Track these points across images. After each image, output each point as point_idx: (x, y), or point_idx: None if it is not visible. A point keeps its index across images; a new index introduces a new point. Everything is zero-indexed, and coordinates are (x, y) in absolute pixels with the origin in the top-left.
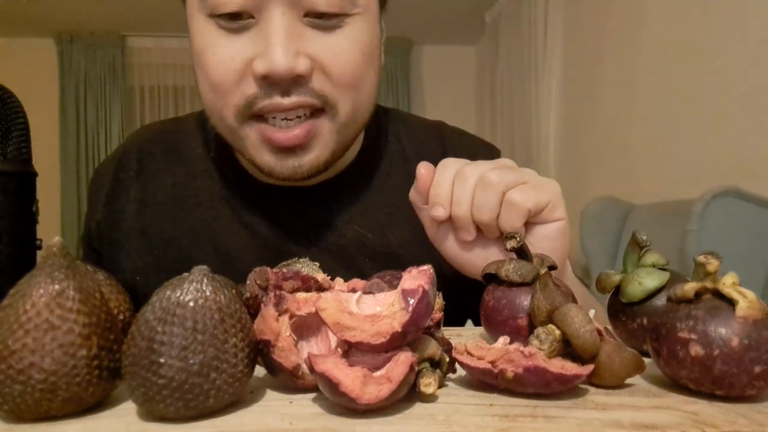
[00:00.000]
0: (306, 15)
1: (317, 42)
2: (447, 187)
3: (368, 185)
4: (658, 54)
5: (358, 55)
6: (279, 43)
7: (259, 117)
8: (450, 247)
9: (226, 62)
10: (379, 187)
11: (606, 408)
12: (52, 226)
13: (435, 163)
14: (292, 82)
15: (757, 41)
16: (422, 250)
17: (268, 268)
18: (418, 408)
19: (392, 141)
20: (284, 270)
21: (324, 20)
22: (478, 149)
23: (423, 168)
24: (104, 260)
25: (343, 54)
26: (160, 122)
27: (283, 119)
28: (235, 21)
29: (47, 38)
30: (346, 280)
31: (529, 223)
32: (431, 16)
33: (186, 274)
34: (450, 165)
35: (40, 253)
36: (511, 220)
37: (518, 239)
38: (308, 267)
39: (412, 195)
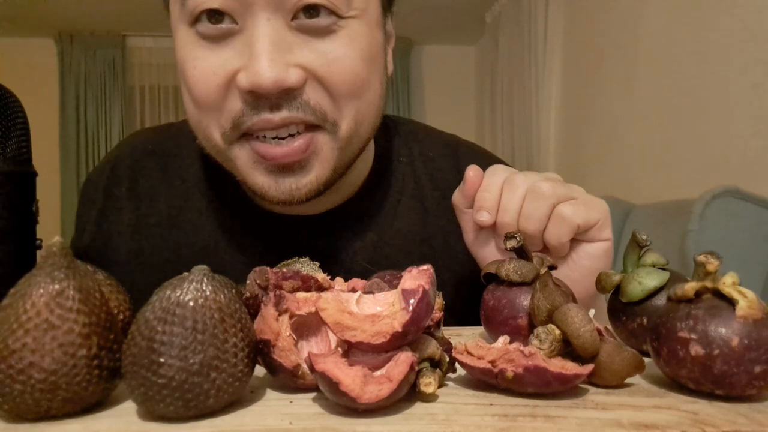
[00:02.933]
0: (294, 18)
1: (309, 49)
2: (495, 193)
3: (377, 215)
4: (658, 54)
5: (357, 62)
6: (264, 53)
7: (248, 135)
8: (488, 254)
9: (207, 76)
10: (390, 217)
11: (606, 408)
12: (52, 226)
13: (450, 188)
14: (282, 96)
15: (757, 41)
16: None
17: (268, 268)
18: (418, 408)
19: (404, 163)
20: (284, 270)
21: (315, 21)
22: None
23: (472, 171)
24: None
25: (340, 61)
26: (152, 130)
27: (273, 138)
28: (217, 24)
29: (47, 38)
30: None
31: (575, 241)
32: (431, 16)
33: (186, 273)
34: (500, 171)
35: (40, 253)
36: (559, 234)
37: (518, 239)
38: (308, 267)
39: (456, 197)
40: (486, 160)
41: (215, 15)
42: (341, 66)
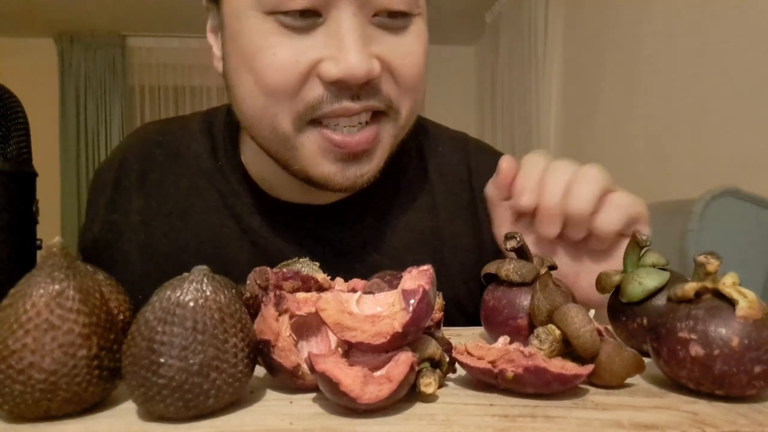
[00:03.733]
0: (375, 15)
1: (385, 44)
2: (536, 178)
3: (387, 207)
4: (658, 54)
5: (422, 57)
6: (354, 46)
7: (317, 123)
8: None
9: (289, 64)
10: (398, 210)
11: (606, 408)
12: (52, 226)
13: (459, 182)
14: (364, 86)
15: (757, 41)
16: (440, 280)
17: (268, 268)
18: (418, 408)
19: (414, 157)
20: (284, 270)
21: (393, 20)
22: None
23: (505, 162)
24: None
25: (411, 56)
26: (162, 123)
27: (345, 126)
28: (303, 19)
29: (47, 38)
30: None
31: (618, 234)
32: (431, 16)
33: (186, 274)
34: (538, 157)
35: (40, 253)
36: (612, 222)
37: (518, 239)
38: (308, 267)
39: (490, 190)
40: (495, 157)
41: (305, 11)
42: (412, 59)
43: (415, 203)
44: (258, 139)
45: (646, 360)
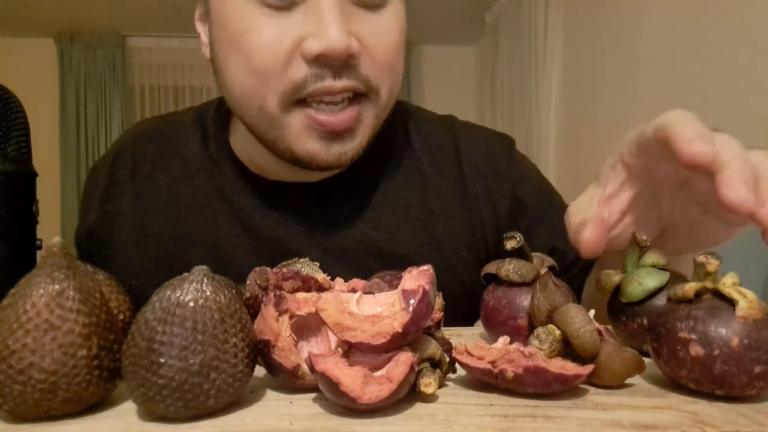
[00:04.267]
0: None
1: (363, 22)
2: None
3: (375, 183)
4: (657, 54)
5: (398, 37)
6: (334, 21)
7: (303, 103)
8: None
9: (273, 44)
10: (387, 185)
11: (606, 408)
12: (52, 226)
13: (447, 158)
14: (344, 64)
15: (757, 41)
16: (432, 250)
17: (268, 268)
18: (418, 408)
19: (400, 136)
20: (284, 270)
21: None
22: (493, 141)
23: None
24: (97, 262)
25: (386, 35)
26: (156, 118)
27: (329, 103)
28: None
29: (47, 38)
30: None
31: None
32: (431, 16)
33: (186, 274)
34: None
35: (40, 253)
36: None
37: (518, 239)
38: (308, 267)
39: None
40: (481, 131)
41: None
42: (388, 38)
43: (404, 178)
44: (246, 120)
45: (646, 360)
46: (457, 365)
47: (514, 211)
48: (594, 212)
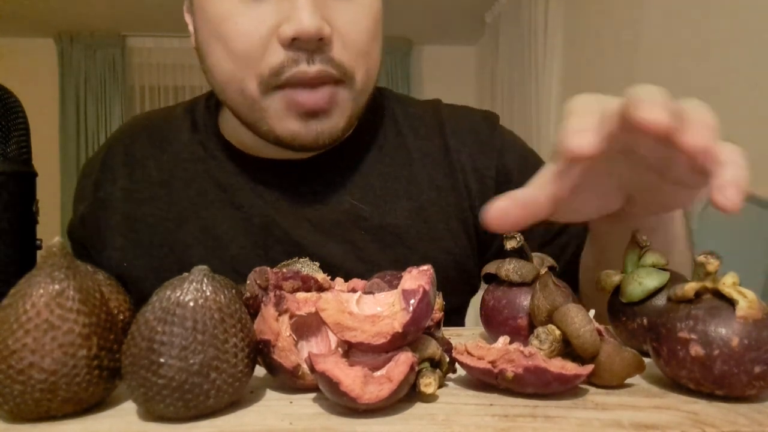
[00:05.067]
0: None
1: (335, 9)
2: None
3: (362, 159)
4: (657, 54)
5: (371, 23)
6: (306, 6)
7: (281, 87)
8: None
9: (250, 31)
10: (374, 160)
11: (606, 408)
12: (52, 226)
13: (432, 137)
14: (317, 49)
15: (757, 41)
16: (419, 221)
17: (268, 268)
18: (418, 408)
19: (387, 117)
20: (284, 270)
21: None
22: (477, 116)
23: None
24: (90, 249)
25: (359, 22)
26: (148, 112)
27: (305, 89)
28: None
29: (47, 38)
30: (341, 256)
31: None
32: (431, 16)
33: (186, 273)
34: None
35: (40, 253)
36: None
37: (518, 239)
38: (308, 267)
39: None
40: (466, 109)
41: None
42: (360, 26)
43: (390, 154)
44: (229, 104)
45: (646, 360)
46: (457, 365)
47: (500, 181)
48: (528, 191)
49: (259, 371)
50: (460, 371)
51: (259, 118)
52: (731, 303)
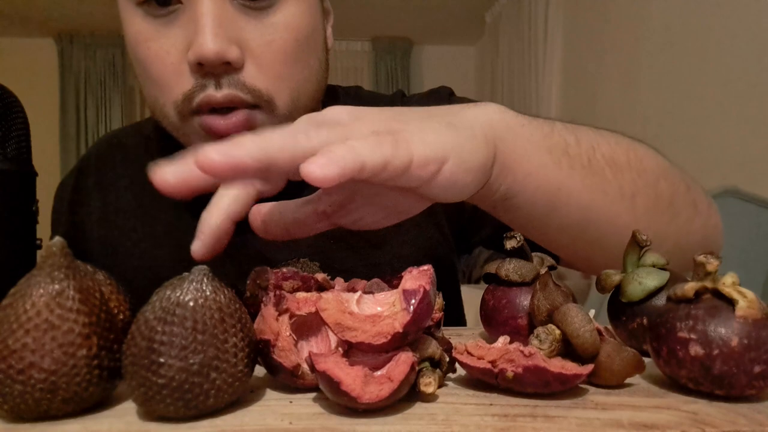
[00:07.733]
0: None
1: (249, 29)
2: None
3: None
4: (658, 54)
5: (291, 43)
6: (208, 28)
7: (198, 112)
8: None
9: (161, 57)
10: None
11: (606, 408)
12: None
13: None
14: (224, 72)
15: (757, 41)
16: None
17: (268, 268)
18: (418, 408)
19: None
20: (284, 270)
21: (255, 1)
22: (433, 91)
23: None
24: None
25: (275, 43)
26: (119, 129)
27: (217, 114)
28: (164, 7)
29: (47, 38)
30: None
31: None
32: (431, 16)
33: (186, 273)
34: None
35: (40, 253)
36: None
37: (518, 239)
38: (308, 267)
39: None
40: (425, 92)
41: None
42: (276, 46)
43: None
44: (164, 127)
45: (646, 360)
46: (457, 365)
47: None
48: (291, 204)
49: (259, 371)
50: (460, 371)
51: (186, 142)
52: (731, 303)
